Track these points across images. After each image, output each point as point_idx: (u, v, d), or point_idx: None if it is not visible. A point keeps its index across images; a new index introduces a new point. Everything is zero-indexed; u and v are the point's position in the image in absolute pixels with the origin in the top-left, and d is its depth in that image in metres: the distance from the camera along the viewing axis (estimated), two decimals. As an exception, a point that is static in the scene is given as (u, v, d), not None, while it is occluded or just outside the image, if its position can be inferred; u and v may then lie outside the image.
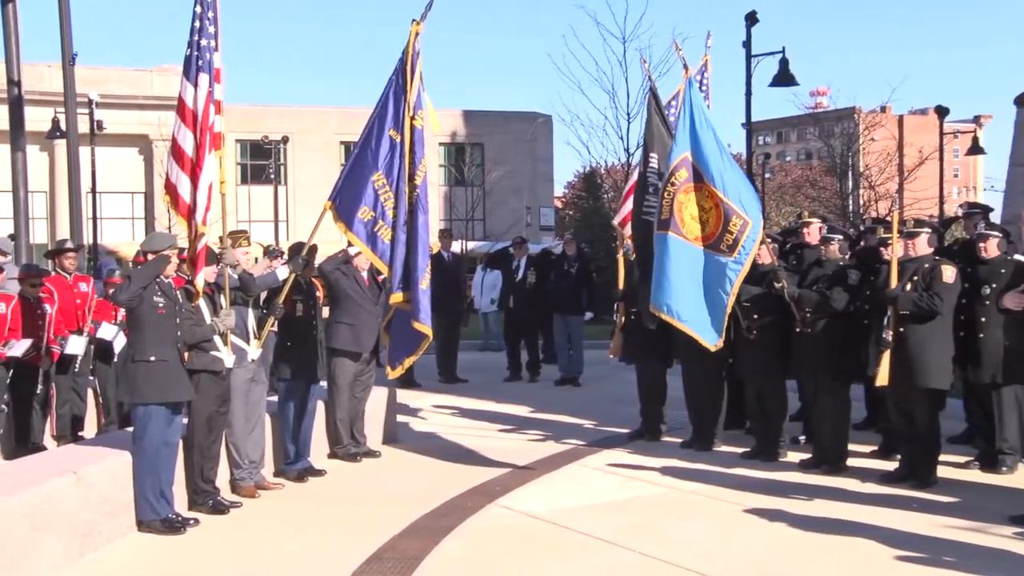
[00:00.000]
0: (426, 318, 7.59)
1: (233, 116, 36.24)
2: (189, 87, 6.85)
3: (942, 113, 29.39)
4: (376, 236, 7.65)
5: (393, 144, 7.63)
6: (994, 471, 7.77)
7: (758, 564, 5.79)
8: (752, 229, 7.94)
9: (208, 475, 6.94)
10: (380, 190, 7.62)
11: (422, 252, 7.62)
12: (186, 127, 6.83)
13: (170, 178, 6.96)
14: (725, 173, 8.07)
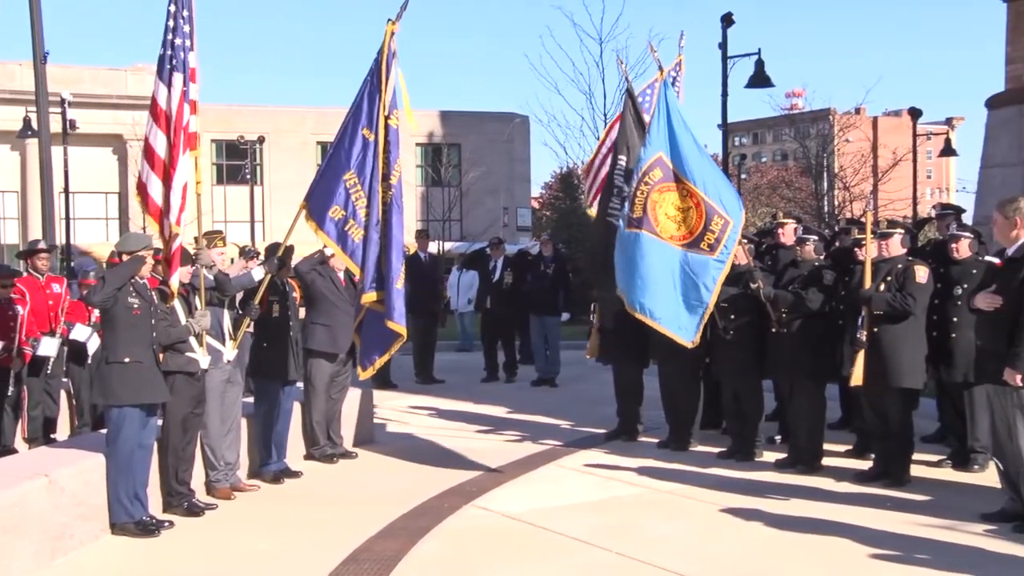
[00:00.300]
0: (400, 318, 7.56)
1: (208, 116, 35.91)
2: (162, 87, 6.79)
3: (915, 115, 29.66)
4: (347, 235, 7.61)
5: (366, 143, 7.60)
6: (966, 469, 7.85)
7: (734, 563, 5.81)
8: (733, 228, 7.98)
9: (183, 477, 6.90)
10: (351, 189, 7.58)
11: (396, 252, 7.59)
12: (158, 128, 6.77)
13: (141, 178, 6.90)
14: (706, 173, 8.10)
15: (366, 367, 7.89)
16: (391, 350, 7.87)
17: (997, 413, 6.44)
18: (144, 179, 6.83)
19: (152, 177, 6.75)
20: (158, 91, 6.83)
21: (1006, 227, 6.37)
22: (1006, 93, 11.69)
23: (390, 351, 7.88)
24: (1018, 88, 11.50)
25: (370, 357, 7.84)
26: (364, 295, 7.67)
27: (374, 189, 7.58)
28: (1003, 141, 11.64)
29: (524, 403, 11.68)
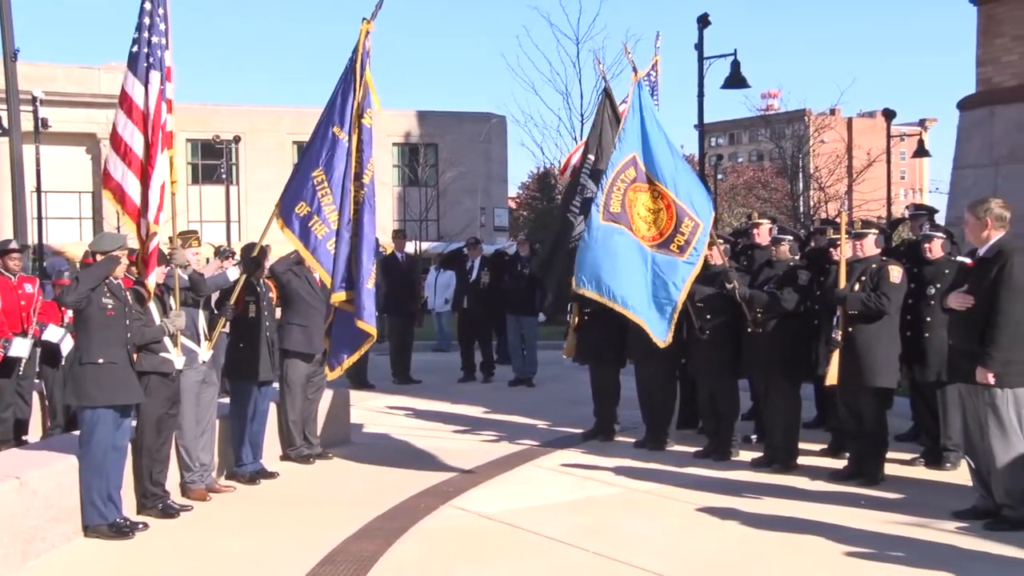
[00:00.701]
0: (370, 317, 7.50)
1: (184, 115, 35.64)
2: (138, 84, 6.73)
3: (889, 116, 29.95)
4: (309, 231, 7.55)
5: (336, 141, 7.55)
6: (938, 468, 7.93)
7: (711, 562, 5.83)
8: (703, 231, 8.02)
9: (157, 478, 6.85)
10: (319, 186, 7.54)
11: (367, 251, 7.56)
12: (134, 124, 6.70)
13: (113, 175, 6.77)
14: (677, 174, 8.14)
15: (334, 367, 7.77)
16: (360, 350, 7.80)
17: (969, 412, 6.50)
18: (119, 177, 6.75)
19: (129, 175, 6.68)
20: (132, 87, 6.75)
21: (977, 227, 6.43)
22: (977, 95, 11.81)
23: (360, 351, 7.80)
24: (989, 90, 11.63)
25: (338, 357, 7.72)
26: (334, 295, 7.61)
27: (347, 188, 7.54)
28: (975, 142, 11.77)
29: (501, 403, 11.68)
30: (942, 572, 5.47)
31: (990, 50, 11.59)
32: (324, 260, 7.56)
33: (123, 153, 6.71)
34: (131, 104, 6.74)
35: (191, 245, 7.52)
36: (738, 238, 9.93)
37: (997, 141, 11.49)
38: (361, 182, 7.56)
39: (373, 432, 10.04)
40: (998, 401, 6.23)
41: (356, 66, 7.59)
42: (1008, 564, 5.64)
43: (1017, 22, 11.31)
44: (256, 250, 7.95)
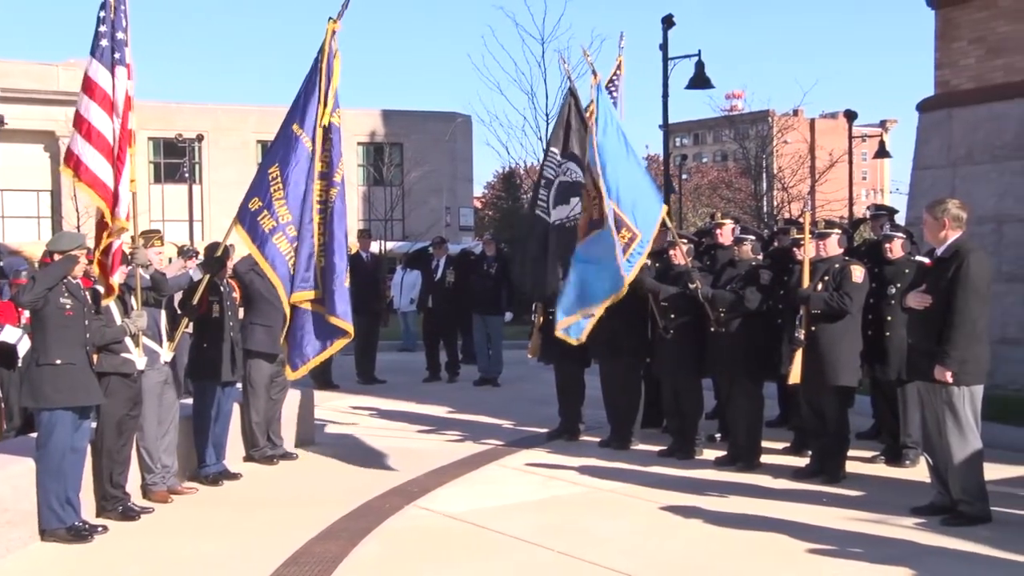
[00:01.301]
0: (346, 315, 7.48)
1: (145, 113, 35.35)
2: (105, 72, 6.61)
3: (851, 117, 30.27)
4: (257, 224, 7.47)
5: (295, 139, 7.50)
6: (898, 465, 8.03)
7: (675, 561, 5.86)
8: (640, 242, 8.06)
9: (118, 480, 6.76)
10: (272, 182, 7.49)
11: (340, 251, 7.53)
12: (104, 111, 6.56)
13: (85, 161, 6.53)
14: (623, 182, 8.15)
15: (296, 367, 7.67)
16: (334, 348, 7.75)
17: (927, 409, 6.59)
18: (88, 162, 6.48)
19: (103, 162, 6.51)
20: (97, 74, 6.60)
21: (935, 228, 6.52)
22: (935, 97, 11.97)
23: (332, 349, 7.75)
24: (947, 93, 11.79)
25: (303, 356, 7.66)
26: (294, 294, 7.53)
27: (309, 189, 7.49)
28: (933, 144, 11.92)
29: (466, 403, 11.68)
30: (901, 567, 5.54)
31: (948, 53, 11.76)
32: (270, 254, 7.46)
33: (95, 140, 6.53)
34: (98, 90, 6.58)
35: (153, 244, 7.45)
36: (701, 238, 10.00)
37: (955, 143, 11.66)
38: (332, 181, 7.51)
39: (338, 432, 9.99)
40: (955, 399, 6.32)
41: (322, 66, 7.54)
42: (964, 558, 5.73)
43: (973, 26, 11.48)
44: (220, 250, 7.87)
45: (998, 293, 9.61)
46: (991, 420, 7.36)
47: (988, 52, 11.32)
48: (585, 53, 9.05)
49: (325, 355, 7.79)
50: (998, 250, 10.78)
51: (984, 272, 6.39)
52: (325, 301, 7.48)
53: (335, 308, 7.44)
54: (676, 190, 33.77)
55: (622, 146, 8.25)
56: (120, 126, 6.59)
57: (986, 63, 11.34)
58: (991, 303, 6.68)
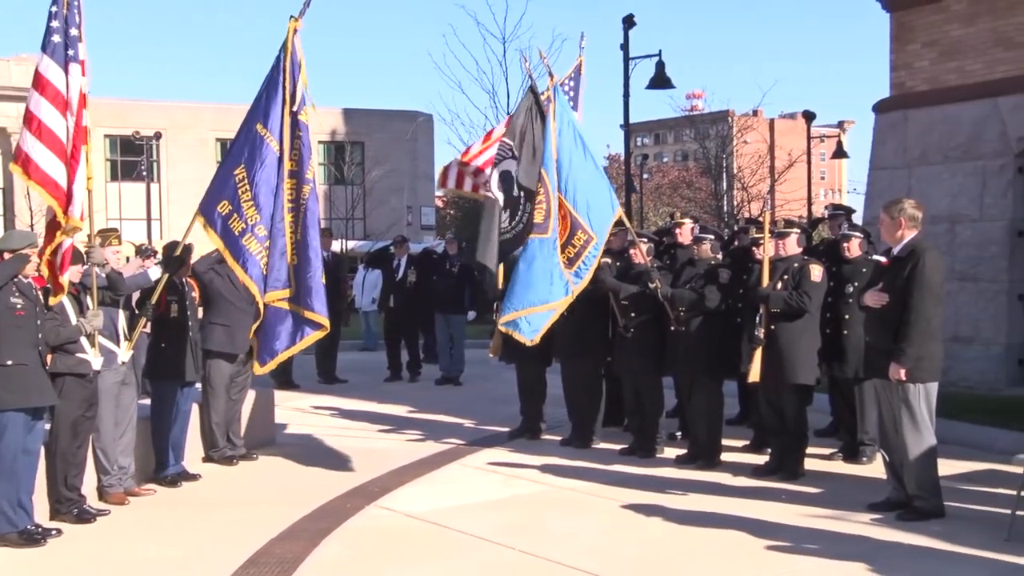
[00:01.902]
0: (323, 310, 7.44)
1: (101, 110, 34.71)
2: (57, 69, 6.48)
3: (809, 118, 30.58)
4: (229, 228, 7.41)
5: (260, 139, 7.44)
6: (855, 461, 8.14)
7: (637, 559, 5.89)
8: (595, 245, 8.11)
9: (73, 482, 6.66)
10: (239, 184, 7.43)
11: (314, 250, 7.49)
12: (56, 109, 6.44)
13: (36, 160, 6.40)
14: (579, 184, 8.18)
15: (265, 362, 7.63)
16: (306, 341, 7.68)
17: (884, 407, 6.69)
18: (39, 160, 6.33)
19: (55, 160, 6.39)
20: (48, 70, 6.48)
21: (892, 227, 6.61)
22: (891, 99, 12.15)
23: (305, 342, 7.69)
24: (902, 94, 11.98)
25: (271, 352, 7.61)
26: (268, 293, 7.49)
27: (280, 188, 7.44)
28: (889, 145, 12.10)
29: (428, 402, 11.65)
30: (857, 562, 5.61)
31: (903, 56, 11.94)
32: (240, 256, 7.40)
33: (46, 138, 6.41)
34: (50, 87, 6.46)
35: (111, 243, 7.34)
36: (661, 237, 10.06)
37: (910, 144, 11.84)
38: (303, 179, 7.47)
39: (298, 432, 9.92)
40: (911, 396, 6.42)
41: (285, 64, 7.48)
42: (918, 553, 5.82)
43: (927, 29, 11.67)
44: (179, 249, 7.79)
45: (951, 292, 9.80)
46: (943, 417, 7.47)
47: (941, 55, 11.52)
48: (541, 55, 8.99)
49: (296, 349, 7.73)
50: (951, 249, 10.97)
51: (938, 271, 6.50)
52: (300, 298, 7.44)
53: (312, 304, 7.41)
54: (637, 189, 33.93)
55: (579, 148, 8.26)
56: (74, 124, 6.49)
57: (939, 66, 11.53)
58: (944, 302, 6.79)
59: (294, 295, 7.46)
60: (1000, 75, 10.95)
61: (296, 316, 7.50)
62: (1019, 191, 10.89)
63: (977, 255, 10.98)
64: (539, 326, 8.08)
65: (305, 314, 7.45)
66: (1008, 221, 10.87)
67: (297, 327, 7.53)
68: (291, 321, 7.52)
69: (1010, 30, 10.88)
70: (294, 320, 7.51)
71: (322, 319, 7.45)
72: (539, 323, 8.07)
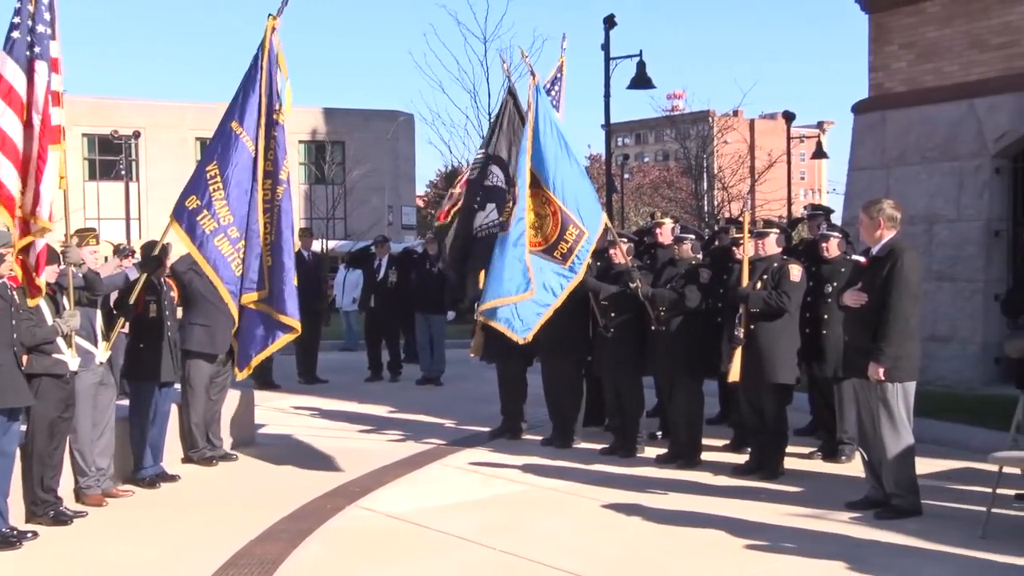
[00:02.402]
0: (295, 311, 7.41)
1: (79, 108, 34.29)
2: (18, 71, 6.36)
3: (789, 118, 30.79)
4: (196, 224, 7.33)
5: (234, 137, 7.39)
6: (834, 460, 8.19)
7: (617, 558, 5.91)
8: (587, 240, 8.12)
9: (49, 484, 6.59)
10: (211, 181, 7.37)
11: (288, 250, 7.46)
12: (12, 112, 6.32)
13: None
14: (567, 181, 8.19)
15: (243, 367, 7.65)
16: (276, 344, 7.66)
17: (862, 406, 6.73)
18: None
19: (6, 164, 6.25)
20: (12, 74, 6.32)
21: (871, 227, 6.65)
22: (870, 100, 12.23)
23: (275, 345, 7.66)
24: (880, 95, 12.06)
25: (247, 356, 7.61)
26: (244, 295, 7.46)
27: (254, 189, 7.40)
28: (868, 145, 12.18)
29: (408, 402, 11.64)
30: (835, 560, 5.65)
31: (881, 57, 12.03)
32: (211, 256, 7.35)
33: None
34: (9, 89, 6.35)
35: (88, 243, 7.28)
36: (642, 237, 10.09)
37: (888, 144, 11.92)
38: (278, 179, 7.43)
39: (278, 433, 9.89)
40: (889, 395, 6.46)
41: (262, 63, 7.45)
42: (895, 551, 5.86)
43: (904, 31, 11.76)
44: (157, 248, 7.74)
45: (928, 292, 9.87)
46: (921, 415, 7.53)
47: (918, 57, 11.61)
48: (523, 54, 8.99)
49: (267, 352, 7.73)
50: (929, 250, 11.06)
51: (916, 271, 6.54)
52: (273, 299, 7.40)
53: (284, 306, 7.37)
54: (618, 189, 33.99)
55: (562, 148, 8.27)
56: (40, 123, 6.37)
57: (917, 67, 11.62)
58: (922, 302, 6.84)
59: (267, 297, 7.42)
60: (976, 77, 11.05)
61: (268, 318, 7.46)
62: (995, 191, 10.99)
63: (954, 255, 11.07)
64: (531, 324, 8.06)
65: (277, 316, 7.41)
66: (984, 221, 10.97)
67: (269, 330, 7.50)
68: (264, 324, 7.49)
69: (984, 32, 10.98)
70: (267, 322, 7.47)
71: (294, 322, 7.41)
72: (531, 321, 8.05)
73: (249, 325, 7.52)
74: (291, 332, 7.52)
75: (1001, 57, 10.84)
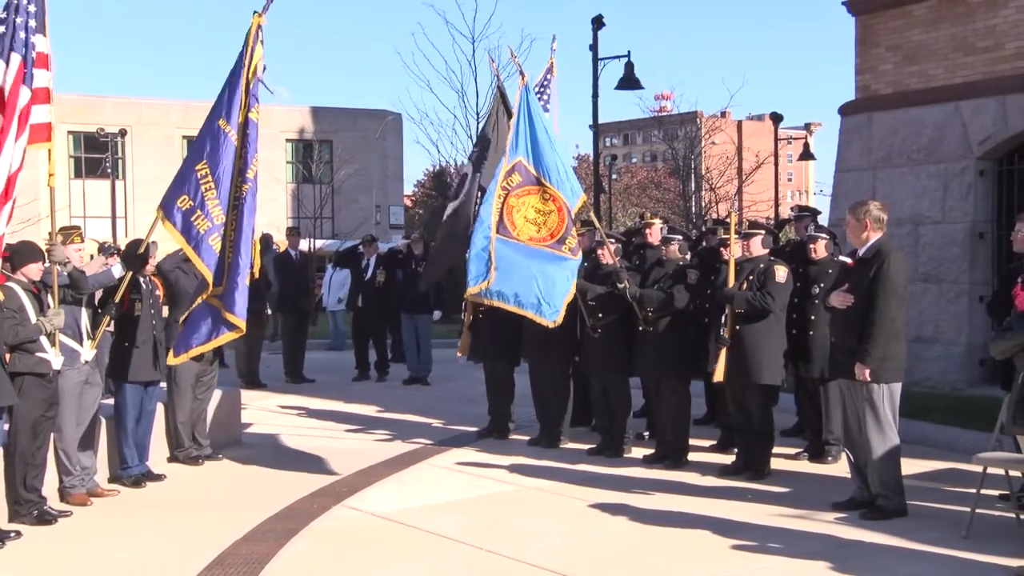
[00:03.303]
0: (242, 312, 7.30)
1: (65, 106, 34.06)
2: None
3: (777, 120, 30.85)
4: (191, 225, 7.29)
5: (221, 134, 7.33)
6: (821, 461, 8.21)
7: (603, 558, 5.91)
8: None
9: (32, 483, 6.56)
10: (202, 180, 7.32)
11: (245, 248, 7.35)
12: None
13: None
14: (563, 178, 8.22)
15: (179, 353, 7.47)
16: (219, 340, 7.51)
17: (848, 406, 6.75)
18: None
19: None
20: None
21: (857, 229, 6.67)
22: (856, 102, 12.28)
23: (217, 341, 7.51)
24: (867, 97, 12.11)
25: (186, 345, 7.44)
26: (212, 288, 7.38)
27: (231, 184, 7.35)
28: (855, 147, 12.23)
29: (395, 402, 11.62)
30: (820, 560, 5.67)
31: (867, 59, 12.08)
32: (206, 256, 7.29)
33: None
34: None
35: (73, 241, 7.24)
36: (631, 238, 10.09)
37: (875, 146, 11.97)
38: (244, 177, 7.37)
39: (265, 432, 9.86)
40: (875, 396, 6.49)
41: (246, 60, 7.42)
42: (880, 551, 5.89)
43: (890, 34, 11.81)
44: (143, 247, 7.70)
45: (914, 293, 9.92)
46: (906, 416, 7.56)
47: (904, 59, 11.66)
48: (512, 54, 9.00)
49: (209, 346, 7.56)
50: (914, 251, 11.11)
51: (902, 272, 6.57)
52: (224, 297, 7.30)
53: (233, 305, 7.27)
54: (606, 190, 34.03)
55: (551, 148, 8.27)
56: (4, 117, 6.25)
57: (903, 69, 11.68)
58: (908, 303, 6.87)
59: (222, 293, 7.34)
60: (961, 79, 11.10)
61: (217, 314, 7.35)
62: (980, 194, 11.05)
63: (939, 256, 11.13)
64: (558, 306, 8.04)
65: (225, 314, 7.31)
66: (969, 223, 11.02)
67: (216, 325, 7.38)
68: (212, 318, 7.38)
69: (970, 35, 11.03)
70: (215, 317, 7.37)
71: (239, 322, 7.29)
72: (558, 303, 8.04)
73: (198, 316, 7.41)
74: (235, 331, 7.41)
75: (986, 60, 10.90)
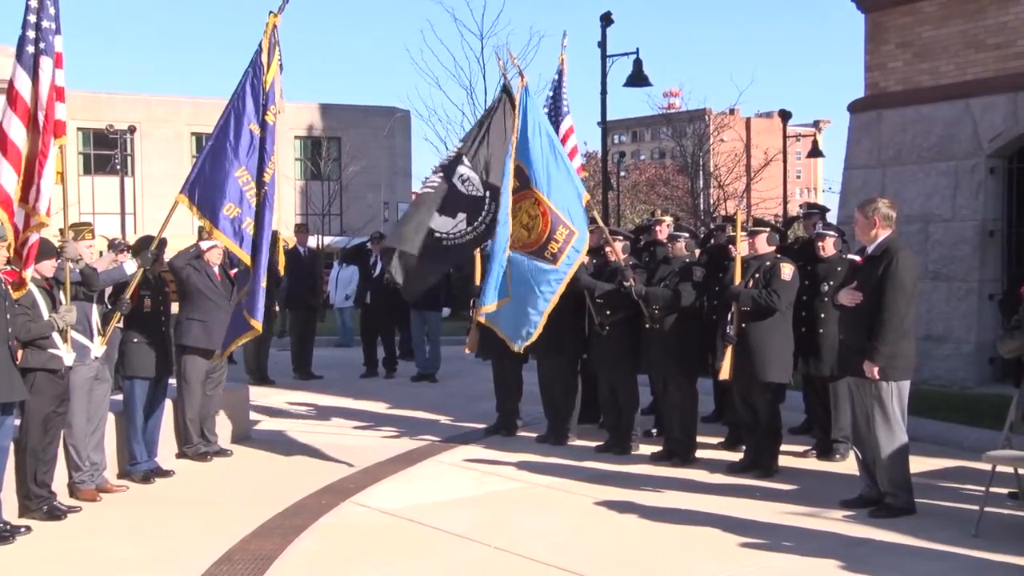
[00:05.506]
0: (259, 314, 7.43)
1: (75, 103, 34.28)
2: (23, 75, 6.38)
3: (785, 117, 30.77)
4: (243, 232, 7.42)
5: (254, 137, 7.42)
6: (829, 459, 8.20)
7: (610, 555, 5.91)
8: (578, 240, 8.10)
9: (43, 479, 6.59)
10: (244, 186, 7.40)
11: (264, 250, 7.44)
12: (14, 114, 6.33)
13: None
14: (554, 181, 8.16)
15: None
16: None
17: (857, 404, 6.74)
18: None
19: (5, 165, 6.30)
20: (17, 77, 6.40)
21: (866, 226, 6.66)
22: (865, 99, 12.25)
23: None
24: (876, 94, 12.07)
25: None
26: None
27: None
28: (863, 144, 12.20)
29: (403, 399, 11.64)
30: (828, 559, 5.66)
31: (877, 57, 12.04)
32: (259, 259, 7.46)
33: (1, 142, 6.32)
34: (15, 93, 6.39)
35: (84, 238, 7.26)
36: (640, 235, 10.08)
37: (884, 144, 11.94)
38: (262, 180, 7.42)
39: (273, 428, 9.89)
40: (883, 394, 6.47)
41: (262, 60, 7.44)
42: (889, 549, 5.88)
43: (900, 31, 11.77)
44: (154, 243, 7.73)
45: (924, 291, 9.90)
46: (915, 414, 7.55)
47: (915, 56, 11.62)
48: (512, 56, 8.90)
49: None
50: (924, 249, 11.08)
51: (912, 270, 6.55)
52: (247, 298, 7.42)
53: (254, 308, 7.38)
54: (614, 187, 34.01)
55: (551, 150, 8.23)
56: (44, 118, 6.37)
57: (913, 66, 11.64)
58: (917, 301, 6.85)
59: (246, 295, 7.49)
60: (971, 77, 11.06)
61: (240, 314, 7.56)
62: (990, 191, 11.01)
63: (949, 254, 11.10)
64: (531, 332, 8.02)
65: (245, 315, 7.44)
66: (979, 221, 10.99)
67: (239, 325, 7.60)
68: (237, 319, 7.61)
69: (980, 32, 10.99)
70: (238, 319, 7.58)
71: (256, 323, 7.46)
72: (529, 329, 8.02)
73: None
74: (252, 331, 7.58)
75: (997, 57, 10.86)
